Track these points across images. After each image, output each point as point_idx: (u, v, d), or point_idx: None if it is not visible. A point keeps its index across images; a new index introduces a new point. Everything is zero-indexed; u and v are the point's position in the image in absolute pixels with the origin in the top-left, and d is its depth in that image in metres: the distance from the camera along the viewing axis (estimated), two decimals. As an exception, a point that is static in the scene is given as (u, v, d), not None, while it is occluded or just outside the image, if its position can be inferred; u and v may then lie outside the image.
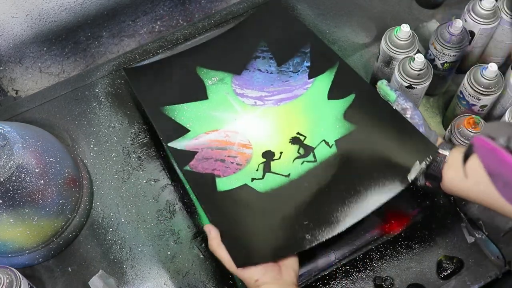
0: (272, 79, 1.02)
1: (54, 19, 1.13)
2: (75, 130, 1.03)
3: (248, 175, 0.90)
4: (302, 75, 1.01)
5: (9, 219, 0.82)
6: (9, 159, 0.80)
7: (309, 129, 0.93)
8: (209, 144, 0.94)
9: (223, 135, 0.95)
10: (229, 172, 0.90)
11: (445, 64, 0.99)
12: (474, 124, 0.90)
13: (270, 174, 0.90)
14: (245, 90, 1.01)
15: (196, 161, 0.92)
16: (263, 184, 0.88)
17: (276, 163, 0.91)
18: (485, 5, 0.96)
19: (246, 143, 0.94)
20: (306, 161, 0.89)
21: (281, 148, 0.92)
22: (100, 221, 0.95)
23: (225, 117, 0.98)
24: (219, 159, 0.92)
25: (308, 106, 0.96)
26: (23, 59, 1.17)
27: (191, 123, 0.97)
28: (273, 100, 0.99)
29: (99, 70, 1.10)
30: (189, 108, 0.99)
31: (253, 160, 0.92)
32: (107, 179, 0.99)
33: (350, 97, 0.93)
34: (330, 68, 0.99)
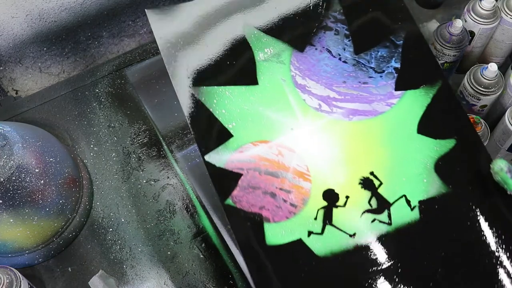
0: (346, 73, 0.74)
1: (54, 19, 1.13)
2: (75, 130, 1.03)
3: (304, 224, 0.68)
4: (386, 81, 0.74)
5: (9, 219, 0.82)
6: (9, 159, 0.80)
7: (388, 173, 0.69)
8: (256, 163, 0.70)
9: (275, 151, 0.71)
10: (280, 216, 0.69)
11: (445, 64, 0.99)
12: (474, 124, 0.90)
13: (331, 229, 0.68)
14: (308, 81, 0.74)
15: (240, 190, 0.69)
16: (322, 243, 0.67)
17: (340, 212, 0.69)
18: (485, 5, 0.96)
19: (304, 170, 0.71)
20: (379, 221, 0.68)
21: (348, 190, 0.70)
22: (100, 221, 0.95)
23: (279, 120, 0.73)
24: (268, 192, 0.69)
25: (390, 134, 0.71)
26: (23, 59, 1.17)
27: (234, 123, 0.72)
28: (344, 109, 0.73)
29: (99, 70, 1.10)
30: (232, 96, 0.73)
31: (311, 200, 0.69)
32: (107, 179, 0.99)
33: (449, 142, 0.70)
34: (428, 86, 0.73)
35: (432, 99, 0.72)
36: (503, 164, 0.64)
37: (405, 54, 0.75)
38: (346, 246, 0.67)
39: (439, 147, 0.70)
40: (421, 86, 0.73)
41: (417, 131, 0.71)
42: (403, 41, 0.75)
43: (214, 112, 0.73)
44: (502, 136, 0.92)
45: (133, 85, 1.08)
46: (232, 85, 0.74)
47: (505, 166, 0.64)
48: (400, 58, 0.75)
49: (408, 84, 0.73)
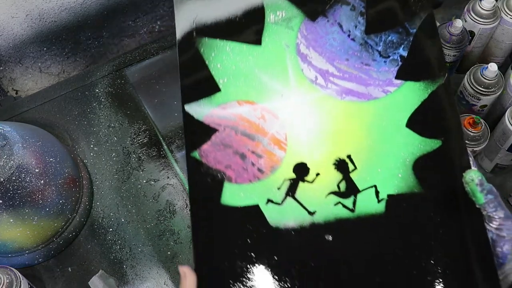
0: (351, 51, 0.72)
1: (54, 19, 1.13)
2: (75, 130, 1.03)
3: (266, 191, 0.67)
4: (389, 67, 0.71)
5: (9, 219, 0.82)
6: (9, 159, 0.80)
7: (366, 160, 0.67)
8: (236, 122, 0.69)
9: (258, 114, 0.70)
10: (244, 179, 0.67)
11: (445, 64, 1.00)
12: (474, 124, 0.90)
13: (292, 202, 0.66)
14: (311, 52, 0.73)
15: (211, 145, 0.68)
16: (278, 213, 0.66)
17: (306, 187, 0.67)
18: (485, 5, 0.96)
19: (282, 139, 0.69)
20: (342, 205, 0.66)
21: (320, 167, 0.67)
22: (100, 221, 0.95)
23: (272, 86, 0.71)
24: (239, 152, 0.68)
25: (379, 121, 0.69)
26: (23, 59, 1.17)
27: (226, 79, 0.71)
28: (339, 86, 0.71)
29: (99, 70, 1.10)
30: (231, 51, 0.73)
31: (280, 170, 0.68)
32: (107, 179, 0.99)
33: (435, 143, 0.67)
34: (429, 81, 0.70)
35: (429, 95, 0.69)
36: (475, 176, 0.61)
37: (415, 44, 0.72)
38: (302, 222, 0.65)
39: (424, 145, 0.67)
40: (422, 79, 0.70)
41: (406, 124, 0.68)
42: (416, 30, 0.72)
43: (209, 64, 0.72)
44: (502, 136, 0.92)
45: (133, 85, 1.08)
46: (235, 41, 0.73)
47: (476, 178, 0.61)
48: (408, 47, 0.72)
49: (410, 75, 0.70)
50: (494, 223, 0.62)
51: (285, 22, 0.74)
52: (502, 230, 0.62)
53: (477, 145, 0.90)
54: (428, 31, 0.72)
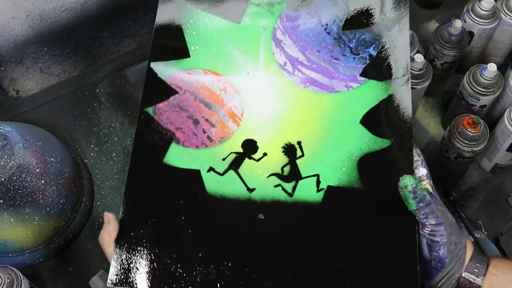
0: (324, 44, 0.75)
1: (54, 19, 1.13)
2: (75, 130, 1.04)
3: (211, 159, 0.68)
4: (356, 64, 0.74)
5: (9, 219, 0.82)
6: (9, 159, 0.80)
7: (314, 148, 0.69)
8: (197, 89, 0.71)
9: (221, 86, 0.72)
10: (192, 143, 0.69)
11: (444, 64, 1.00)
12: (474, 124, 0.90)
13: (234, 175, 0.68)
14: (286, 38, 0.75)
15: (167, 105, 0.70)
16: (217, 183, 0.67)
17: (250, 164, 0.68)
18: (484, 5, 0.96)
19: (238, 113, 0.71)
20: (282, 188, 0.67)
21: (269, 148, 0.69)
22: (101, 221, 0.95)
23: (240, 62, 0.73)
24: (193, 118, 0.70)
25: (335, 114, 0.71)
26: (24, 60, 1.17)
27: (197, 47, 0.74)
28: (305, 75, 0.73)
29: (99, 70, 1.10)
30: (209, 22, 0.75)
31: (229, 142, 0.69)
32: (108, 179, 0.99)
33: (383, 142, 0.69)
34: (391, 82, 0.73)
35: (388, 96, 0.72)
36: (409, 182, 0.62)
37: (386, 45, 0.75)
38: (239, 196, 0.66)
39: (373, 143, 0.69)
40: (384, 80, 0.73)
41: (360, 120, 0.70)
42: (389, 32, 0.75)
43: (185, 30, 0.75)
44: (502, 136, 0.92)
45: (134, 85, 1.09)
46: (215, 14, 0.76)
47: (410, 185, 0.62)
48: (379, 47, 0.75)
49: (374, 74, 0.73)
50: (426, 229, 0.64)
51: (268, 6, 0.77)
52: (435, 236, 0.64)
53: (477, 145, 0.90)
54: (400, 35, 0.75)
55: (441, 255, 0.64)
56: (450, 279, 0.65)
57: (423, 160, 0.69)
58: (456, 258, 0.65)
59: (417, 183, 0.62)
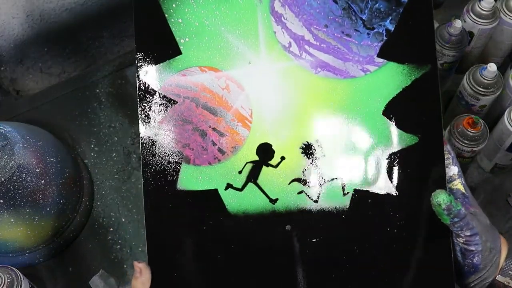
0: (332, 16, 0.63)
1: (55, 19, 1.13)
2: (75, 130, 1.04)
3: (227, 175, 0.62)
4: (372, 41, 0.62)
5: (10, 219, 0.82)
6: (10, 159, 0.80)
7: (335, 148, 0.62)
8: (197, 93, 0.62)
9: (223, 84, 0.62)
10: (203, 160, 0.61)
11: (444, 64, 1.00)
12: (473, 124, 0.90)
13: (253, 188, 0.62)
14: (287, 11, 0.63)
15: (168, 120, 0.62)
16: (238, 200, 0.61)
17: (268, 172, 0.62)
18: (484, 5, 0.96)
19: (247, 115, 0.62)
20: (306, 194, 0.62)
21: (286, 151, 0.62)
22: (101, 221, 0.95)
23: (239, 49, 0.62)
24: (199, 130, 0.62)
25: (354, 105, 0.62)
26: (24, 60, 1.17)
27: (187, 39, 0.62)
28: (314, 57, 0.62)
29: (99, 70, 1.10)
30: (196, 5, 0.62)
31: (242, 151, 0.62)
32: (108, 179, 0.99)
33: (411, 138, 0.62)
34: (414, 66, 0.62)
35: (412, 82, 0.62)
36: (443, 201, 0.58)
37: (405, 17, 0.62)
38: (263, 210, 0.61)
39: (399, 139, 0.61)
40: (407, 62, 0.62)
41: (382, 112, 0.62)
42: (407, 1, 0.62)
43: (169, 19, 0.62)
44: (501, 136, 0.92)
45: (134, 85, 1.08)
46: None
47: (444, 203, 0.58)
48: (396, 20, 0.62)
49: (394, 54, 0.62)
50: (460, 239, 0.62)
51: None
52: (470, 245, 0.62)
53: (476, 145, 0.90)
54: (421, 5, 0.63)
55: (475, 262, 0.62)
56: (483, 282, 0.64)
57: (454, 157, 0.64)
58: (491, 263, 0.62)
59: (452, 200, 0.59)
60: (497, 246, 0.63)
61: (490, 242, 0.62)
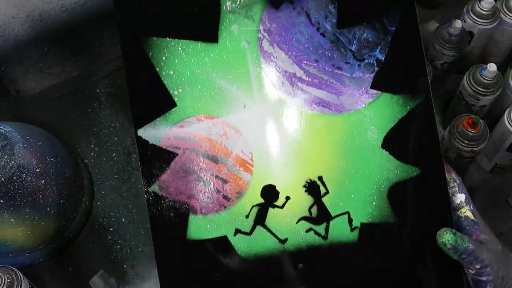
0: (321, 50, 0.62)
1: (55, 19, 1.13)
2: (75, 130, 1.04)
3: (234, 221, 0.62)
4: (364, 73, 0.63)
5: (10, 219, 0.82)
6: (10, 159, 0.80)
7: (338, 183, 0.62)
8: (196, 143, 0.62)
9: (220, 131, 0.63)
10: (209, 209, 0.62)
11: (444, 64, 1.00)
12: (473, 124, 0.90)
13: (262, 230, 0.62)
14: (276, 50, 0.62)
15: (170, 174, 0.62)
16: (248, 244, 0.62)
17: (275, 213, 0.62)
18: (484, 5, 0.96)
19: (247, 159, 0.63)
20: (314, 232, 0.62)
21: (290, 191, 0.63)
22: (101, 221, 0.95)
23: (232, 94, 0.62)
24: (203, 179, 0.62)
25: (352, 139, 0.63)
26: (24, 60, 1.17)
27: (181, 90, 0.62)
28: (308, 94, 0.63)
29: (99, 70, 1.11)
30: (184, 54, 0.62)
31: (247, 195, 0.62)
32: (108, 179, 0.99)
33: (412, 170, 0.62)
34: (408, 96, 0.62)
35: (408, 113, 0.62)
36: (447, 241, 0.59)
37: (394, 46, 0.62)
38: (273, 251, 0.62)
39: (400, 171, 0.62)
40: (401, 93, 0.62)
41: (381, 144, 0.62)
42: (395, 29, 0.62)
43: (161, 72, 0.62)
44: (501, 136, 0.92)
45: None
46: (188, 39, 0.62)
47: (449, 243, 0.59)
48: (386, 49, 0.62)
49: (388, 85, 0.62)
50: (471, 270, 0.62)
51: (244, 10, 0.63)
52: (482, 276, 0.62)
53: (476, 145, 0.90)
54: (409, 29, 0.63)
55: None
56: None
57: (460, 184, 0.64)
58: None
59: (457, 239, 0.59)
60: (510, 273, 0.63)
61: (502, 270, 0.62)
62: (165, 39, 0.62)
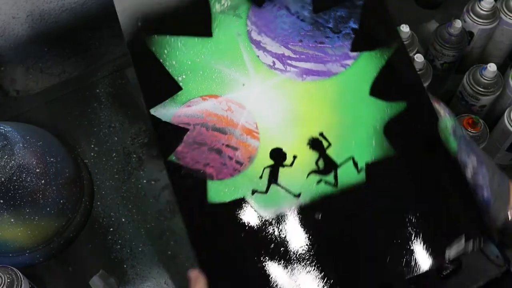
0: (303, 32, 0.73)
1: (55, 19, 1.13)
2: (75, 130, 1.04)
3: (249, 182, 0.67)
4: (343, 42, 0.72)
5: (10, 219, 0.82)
6: (10, 159, 0.81)
7: (338, 134, 0.69)
8: (204, 119, 0.69)
9: (224, 106, 0.70)
10: (225, 174, 0.67)
11: (444, 64, 1.00)
12: (473, 124, 0.90)
13: (276, 188, 0.67)
14: (264, 38, 0.73)
15: (185, 146, 0.68)
16: (265, 202, 0.67)
17: (286, 172, 0.68)
18: (484, 5, 0.96)
19: (253, 128, 0.70)
20: (324, 182, 0.67)
21: (296, 150, 0.69)
22: (101, 221, 0.95)
23: (231, 75, 0.71)
24: (214, 149, 0.68)
25: (342, 95, 0.70)
26: (24, 60, 1.17)
27: (184, 76, 0.70)
28: (298, 68, 0.71)
29: (99, 70, 1.11)
30: (184, 47, 0.71)
31: (257, 159, 0.68)
32: (108, 179, 0.99)
33: (400, 105, 0.70)
34: (384, 47, 0.72)
35: (387, 61, 0.71)
36: (448, 123, 0.63)
37: (364, 15, 0.73)
38: (290, 206, 0.67)
39: (390, 109, 0.70)
40: (377, 48, 0.72)
41: (369, 93, 0.70)
42: (362, 2, 0.73)
43: (164, 63, 0.71)
44: (501, 136, 0.92)
45: (134, 85, 1.09)
46: (186, 35, 0.71)
47: (450, 126, 0.63)
48: (358, 19, 0.73)
49: (364, 45, 0.72)
50: (468, 171, 0.65)
51: (232, 10, 0.73)
52: (478, 178, 0.65)
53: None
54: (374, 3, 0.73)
55: (486, 198, 0.65)
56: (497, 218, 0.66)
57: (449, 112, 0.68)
58: (500, 198, 0.65)
59: (455, 122, 0.63)
60: (505, 182, 0.66)
61: (497, 176, 0.65)
62: (165, 37, 0.71)
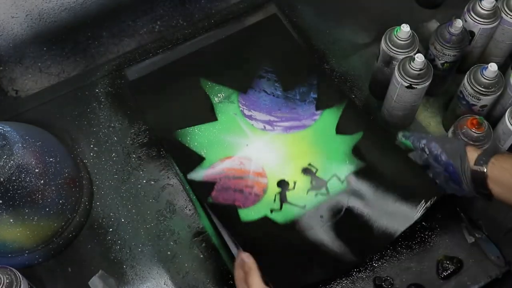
0: (279, 104, 1.05)
1: (54, 19, 1.13)
2: (75, 130, 1.03)
3: (267, 206, 0.95)
4: (309, 106, 1.05)
5: (9, 219, 0.82)
6: (9, 159, 0.80)
7: (321, 162, 0.99)
8: (226, 173, 0.97)
9: (237, 162, 0.99)
10: (249, 203, 0.95)
11: (445, 64, 0.99)
12: (478, 125, 0.89)
13: (287, 205, 0.95)
14: (253, 112, 1.04)
15: (216, 192, 0.95)
16: (282, 216, 0.94)
17: (291, 193, 0.96)
18: (485, 5, 0.96)
19: (261, 171, 0.98)
20: (320, 194, 0.96)
21: (295, 178, 0.97)
22: (100, 221, 0.95)
23: (237, 141, 1.01)
24: (237, 190, 0.96)
25: (317, 137, 1.02)
26: (23, 59, 1.17)
27: (205, 150, 0.99)
28: (282, 126, 1.03)
29: (99, 70, 1.10)
30: (200, 132, 1.01)
31: (269, 189, 0.96)
32: (107, 179, 0.99)
33: (359, 134, 1.00)
34: (338, 104, 1.04)
35: (342, 111, 1.03)
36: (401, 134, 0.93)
37: (319, 88, 1.07)
38: (300, 215, 0.94)
39: (353, 139, 1.00)
40: (333, 105, 1.04)
41: (335, 132, 1.02)
42: (317, 81, 1.08)
43: (189, 146, 1.00)
44: (503, 136, 0.92)
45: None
46: (200, 124, 1.02)
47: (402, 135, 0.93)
48: (316, 91, 1.07)
49: (324, 105, 1.05)
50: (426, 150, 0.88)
51: (227, 99, 1.06)
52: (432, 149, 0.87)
53: (481, 146, 0.90)
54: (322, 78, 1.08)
55: (445, 160, 0.84)
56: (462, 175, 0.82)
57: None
58: (458, 154, 0.82)
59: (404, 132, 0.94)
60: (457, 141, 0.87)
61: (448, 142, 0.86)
62: (186, 129, 1.02)
